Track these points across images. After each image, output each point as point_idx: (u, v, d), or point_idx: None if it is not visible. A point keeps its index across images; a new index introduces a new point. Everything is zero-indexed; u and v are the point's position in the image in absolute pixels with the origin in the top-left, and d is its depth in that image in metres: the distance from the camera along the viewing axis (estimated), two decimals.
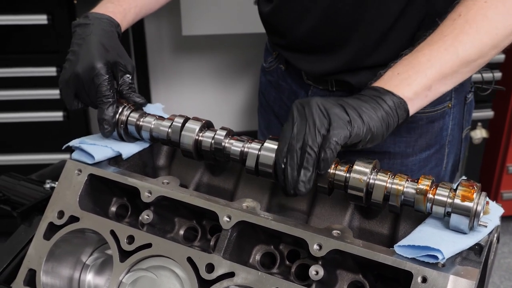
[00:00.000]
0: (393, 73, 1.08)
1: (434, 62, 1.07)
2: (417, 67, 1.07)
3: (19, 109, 2.76)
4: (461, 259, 0.93)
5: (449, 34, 1.08)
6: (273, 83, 1.62)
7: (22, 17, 2.60)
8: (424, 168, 1.47)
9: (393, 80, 1.06)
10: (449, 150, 1.50)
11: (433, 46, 1.08)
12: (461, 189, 0.94)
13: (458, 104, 1.47)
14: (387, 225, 1.10)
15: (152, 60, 3.21)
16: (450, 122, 1.46)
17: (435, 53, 1.07)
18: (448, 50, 1.07)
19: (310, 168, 0.97)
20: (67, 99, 1.21)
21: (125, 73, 1.20)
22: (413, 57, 1.09)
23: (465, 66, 1.09)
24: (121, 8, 1.29)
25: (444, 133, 1.46)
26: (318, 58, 1.41)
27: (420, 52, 1.09)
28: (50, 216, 1.10)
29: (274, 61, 1.60)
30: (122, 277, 1.03)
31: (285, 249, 1.06)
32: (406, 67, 1.08)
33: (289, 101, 1.56)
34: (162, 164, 1.27)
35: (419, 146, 1.44)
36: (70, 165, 1.14)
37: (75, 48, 1.19)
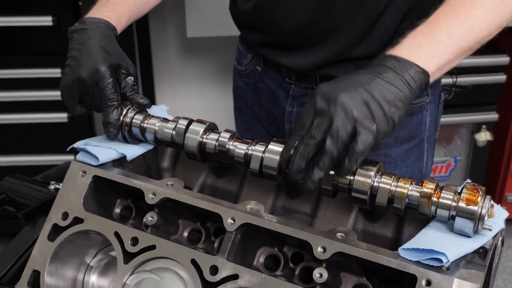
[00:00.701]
0: (413, 42, 1.05)
1: (452, 34, 1.06)
2: (437, 38, 1.05)
3: (23, 110, 2.77)
4: (465, 262, 0.93)
5: (461, 8, 1.08)
6: (250, 85, 1.61)
7: (27, 19, 2.61)
8: (407, 160, 1.49)
9: (416, 50, 1.03)
10: (427, 146, 1.52)
11: (448, 19, 1.07)
12: (465, 193, 0.94)
13: (434, 101, 1.50)
14: (391, 228, 1.10)
15: (157, 62, 3.22)
16: (428, 118, 1.49)
17: (452, 25, 1.06)
18: (464, 23, 1.07)
19: (324, 170, 0.97)
20: (70, 104, 1.21)
21: (127, 75, 1.20)
22: (430, 27, 1.07)
23: (477, 42, 1.09)
24: (115, 11, 1.29)
25: (423, 127, 1.49)
26: (305, 52, 1.40)
27: (437, 23, 1.07)
28: (54, 218, 1.10)
29: (249, 63, 1.59)
30: (126, 279, 1.03)
31: (289, 252, 1.06)
32: (427, 37, 1.05)
33: (269, 102, 1.57)
34: (166, 166, 1.28)
35: (400, 138, 1.47)
36: (74, 167, 1.14)
37: (74, 53, 1.19)
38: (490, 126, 3.05)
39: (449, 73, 1.18)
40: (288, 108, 1.52)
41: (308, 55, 1.40)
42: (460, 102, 2.99)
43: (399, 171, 1.49)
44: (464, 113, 3.01)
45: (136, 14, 1.39)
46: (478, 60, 2.85)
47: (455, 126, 3.18)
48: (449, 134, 3.24)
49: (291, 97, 1.50)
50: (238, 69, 1.66)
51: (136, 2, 1.37)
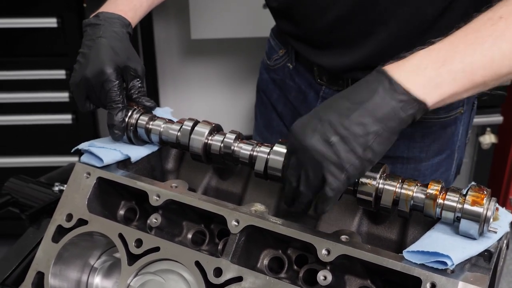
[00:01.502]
0: (419, 64, 0.93)
1: (467, 65, 0.92)
2: (449, 66, 0.92)
3: (28, 111, 2.77)
4: (470, 265, 0.93)
5: (488, 36, 0.93)
6: (277, 82, 1.57)
7: (32, 20, 2.61)
8: (436, 173, 1.46)
9: (419, 75, 0.92)
10: (457, 155, 1.50)
11: (468, 46, 0.93)
12: (471, 194, 0.94)
13: (468, 110, 1.45)
14: (396, 230, 1.09)
15: (161, 63, 3.22)
16: (461, 128, 1.44)
17: (470, 53, 0.93)
18: (485, 55, 0.93)
19: (301, 208, 1.01)
20: (78, 101, 1.21)
21: (135, 77, 1.20)
22: (445, 50, 0.94)
23: (495, 79, 0.95)
24: (131, 4, 1.28)
25: (455, 138, 1.45)
26: (338, 52, 1.34)
27: (453, 45, 0.94)
28: (58, 219, 1.10)
29: (280, 59, 1.54)
30: (130, 281, 1.03)
31: (293, 254, 1.06)
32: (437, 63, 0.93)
33: (296, 101, 1.53)
34: (170, 168, 1.28)
35: (432, 151, 1.43)
36: (79, 168, 1.14)
37: (85, 50, 1.19)
38: (495, 129, 3.05)
39: None
40: None
41: (342, 56, 1.34)
42: None
43: None
44: None
45: (156, 2, 1.38)
46: None
47: None
48: None
49: (321, 99, 1.45)
50: (267, 63, 1.61)
51: None
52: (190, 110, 3.30)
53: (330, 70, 1.39)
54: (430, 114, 1.33)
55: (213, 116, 1.76)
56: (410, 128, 1.29)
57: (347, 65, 1.34)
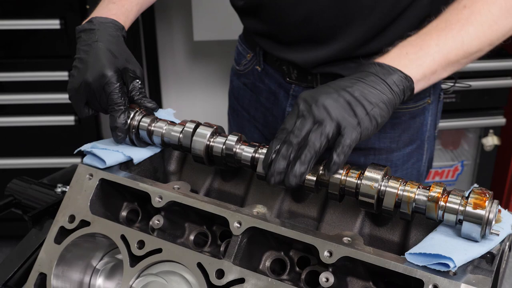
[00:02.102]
0: (401, 52, 1.09)
1: (441, 47, 1.09)
2: (426, 50, 1.09)
3: (31, 113, 2.78)
4: (472, 267, 0.93)
5: (455, 23, 1.11)
6: (248, 86, 1.61)
7: (35, 22, 2.62)
8: (407, 163, 1.50)
9: (403, 59, 1.07)
10: (427, 146, 1.54)
11: (440, 32, 1.11)
12: (473, 197, 0.94)
13: (435, 101, 1.51)
14: (398, 232, 1.09)
15: (163, 65, 3.22)
16: (429, 118, 1.50)
17: (443, 39, 1.10)
18: (455, 38, 1.10)
19: (306, 164, 0.98)
20: (77, 107, 1.21)
21: (134, 78, 1.20)
22: (421, 39, 1.11)
23: (465, 57, 1.12)
24: (123, 8, 1.28)
25: (424, 128, 1.50)
26: (309, 47, 1.39)
27: (428, 35, 1.11)
28: (61, 220, 1.10)
29: (249, 63, 1.58)
30: (132, 282, 1.03)
31: (295, 256, 1.06)
32: (415, 48, 1.09)
33: (268, 102, 1.56)
34: (172, 169, 1.28)
35: (402, 141, 1.47)
36: (81, 170, 1.14)
37: (82, 55, 1.19)
38: (498, 131, 3.05)
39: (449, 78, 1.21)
40: (288, 108, 1.51)
41: (313, 51, 1.38)
42: (467, 107, 2.99)
43: (399, 174, 1.49)
44: (471, 117, 3.01)
45: (145, 6, 1.39)
46: (485, 64, 2.85)
47: (462, 131, 3.17)
48: (456, 139, 3.23)
49: (291, 97, 1.50)
50: (236, 69, 1.65)
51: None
52: (192, 112, 3.30)
53: (300, 66, 1.43)
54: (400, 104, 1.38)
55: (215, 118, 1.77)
56: None
57: (319, 59, 1.39)
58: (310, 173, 1.03)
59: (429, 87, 1.34)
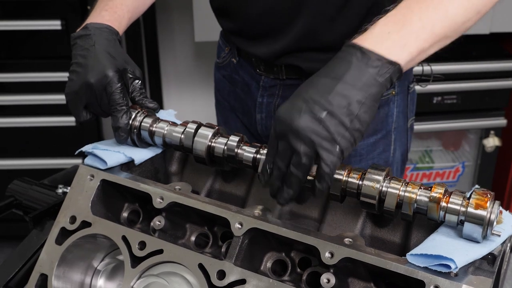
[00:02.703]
0: (382, 31, 0.99)
1: (425, 22, 0.99)
2: (409, 27, 0.98)
3: (32, 114, 2.78)
4: (474, 268, 0.93)
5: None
6: (226, 78, 1.65)
7: (36, 23, 2.62)
8: (373, 153, 1.51)
9: (385, 40, 0.97)
10: (395, 137, 1.54)
11: (421, 4, 1.00)
12: (474, 198, 0.94)
13: (402, 93, 1.51)
14: (399, 233, 1.09)
15: (164, 66, 3.22)
16: (395, 110, 1.50)
17: (424, 11, 0.99)
18: (438, 9, 1.00)
19: (293, 189, 0.99)
20: (76, 110, 1.22)
21: (134, 79, 1.20)
22: (402, 14, 1.00)
23: (454, 29, 1.03)
24: (116, 15, 1.29)
25: (390, 119, 1.50)
26: (269, 40, 1.43)
27: (409, 9, 1.00)
28: (62, 221, 1.10)
29: (226, 55, 1.63)
30: (133, 283, 1.03)
31: (297, 257, 1.06)
32: (397, 25, 0.99)
33: (243, 93, 1.60)
34: (174, 170, 1.28)
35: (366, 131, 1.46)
36: (82, 170, 1.14)
37: (79, 60, 1.19)
38: (499, 132, 3.04)
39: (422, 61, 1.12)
40: (259, 99, 1.55)
41: (272, 43, 1.43)
42: (468, 108, 2.99)
43: (364, 163, 1.50)
44: (472, 118, 3.00)
45: (135, 15, 1.40)
46: (486, 65, 2.85)
47: (463, 132, 3.17)
48: (457, 140, 3.23)
49: (262, 88, 1.54)
50: (217, 62, 1.71)
51: (135, 3, 1.38)
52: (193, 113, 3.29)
53: (264, 59, 1.47)
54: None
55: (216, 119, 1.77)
56: None
57: (278, 51, 1.42)
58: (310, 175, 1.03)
59: None
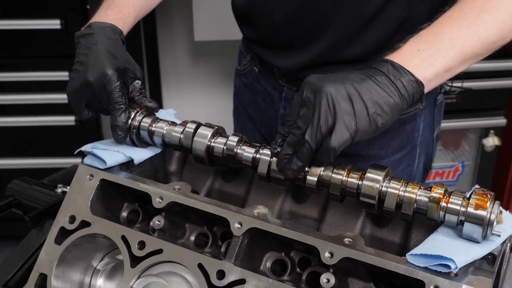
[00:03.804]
0: (413, 48, 1.03)
1: (455, 41, 1.02)
2: (439, 45, 1.02)
3: (31, 113, 2.78)
4: (474, 268, 0.93)
5: (469, 12, 1.04)
6: (247, 86, 1.63)
7: (35, 22, 2.62)
8: (397, 169, 1.49)
9: (414, 57, 1.01)
10: (420, 150, 1.52)
11: (453, 24, 1.03)
12: (474, 198, 0.94)
13: (429, 106, 1.48)
14: (399, 233, 1.09)
15: (164, 65, 3.22)
16: (421, 123, 1.47)
17: (456, 31, 1.02)
18: (470, 28, 1.02)
19: (303, 160, 0.99)
20: (77, 108, 1.22)
21: (134, 79, 1.21)
22: (433, 32, 1.04)
23: (485, 48, 1.05)
24: (121, 14, 1.29)
25: (416, 134, 1.48)
26: (292, 52, 1.40)
27: (441, 28, 1.04)
28: (61, 221, 1.10)
29: (248, 63, 1.61)
30: (132, 283, 1.03)
31: (296, 256, 1.06)
32: (427, 44, 1.02)
33: (264, 104, 1.58)
34: (173, 170, 1.28)
35: (392, 148, 1.45)
36: (82, 170, 1.14)
37: (81, 58, 1.19)
38: (498, 131, 3.04)
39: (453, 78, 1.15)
40: (281, 110, 1.53)
41: (296, 55, 1.40)
42: (468, 107, 2.99)
43: None
44: (472, 118, 3.01)
45: (142, 13, 1.40)
46: (486, 64, 2.84)
47: (463, 131, 3.17)
48: (456, 139, 3.23)
49: (284, 100, 1.52)
50: (238, 69, 1.68)
51: (143, 2, 1.38)
52: (193, 112, 3.30)
53: (286, 71, 1.45)
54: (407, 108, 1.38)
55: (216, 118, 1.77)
56: None
57: (300, 64, 1.40)
58: (311, 174, 1.03)
59: None
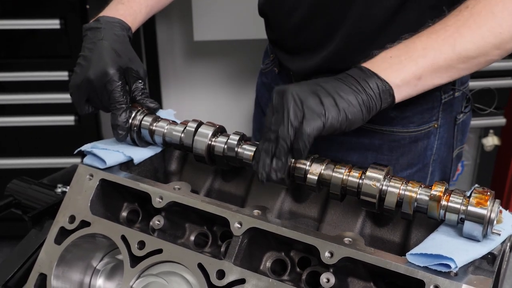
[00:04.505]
0: (385, 55, 1.06)
1: (428, 51, 1.04)
2: (411, 53, 1.04)
3: (31, 113, 2.77)
4: (473, 268, 0.93)
5: (451, 25, 1.05)
6: (266, 85, 1.63)
7: (35, 22, 2.61)
8: None
9: (383, 63, 1.04)
10: (433, 169, 1.46)
11: (432, 35, 1.05)
12: (474, 196, 0.94)
13: (446, 124, 1.42)
14: (399, 232, 1.09)
15: (163, 65, 3.22)
16: (436, 142, 1.42)
17: (431, 41, 1.04)
18: (446, 41, 1.04)
19: (282, 158, 0.99)
20: (78, 103, 1.21)
21: (137, 78, 1.20)
22: (410, 41, 1.06)
23: (462, 62, 1.05)
24: (131, 9, 1.29)
25: (429, 152, 1.43)
26: (305, 55, 1.40)
27: (418, 38, 1.06)
28: (61, 221, 1.10)
29: (270, 63, 1.61)
30: (132, 283, 1.03)
31: (296, 256, 1.06)
32: (400, 51, 1.05)
33: None
34: (173, 170, 1.27)
35: (400, 165, 1.42)
36: (81, 170, 1.14)
37: (86, 53, 1.19)
38: (498, 131, 3.04)
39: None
40: None
41: (307, 60, 1.40)
42: None
43: None
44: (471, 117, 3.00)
45: (156, 9, 1.39)
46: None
47: None
48: None
49: None
50: (261, 68, 1.68)
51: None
52: (193, 112, 3.30)
53: (300, 74, 1.43)
54: (399, 128, 1.36)
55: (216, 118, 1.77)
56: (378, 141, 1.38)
57: (312, 68, 1.39)
58: (311, 173, 1.03)
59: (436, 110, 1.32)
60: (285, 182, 1.05)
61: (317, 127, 0.97)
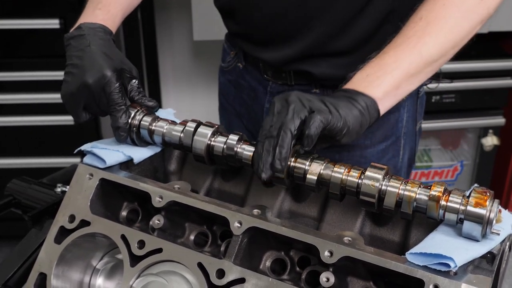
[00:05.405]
0: (362, 75, 1.13)
1: (400, 63, 1.12)
2: (385, 68, 1.12)
3: (30, 112, 2.77)
4: (473, 267, 0.93)
5: (412, 36, 1.14)
6: (232, 82, 1.64)
7: (34, 21, 2.61)
8: (382, 159, 1.51)
9: (363, 82, 1.11)
10: (404, 142, 1.55)
11: (398, 48, 1.14)
12: (474, 196, 0.94)
13: (411, 98, 1.51)
14: (399, 232, 1.09)
15: (163, 65, 3.22)
16: (405, 114, 1.51)
17: (400, 54, 1.13)
18: (412, 51, 1.13)
19: (284, 146, 1.00)
20: (75, 111, 1.21)
21: (131, 78, 1.20)
22: (380, 58, 1.14)
23: (428, 66, 1.15)
24: (109, 14, 1.29)
25: (400, 124, 1.51)
26: (279, 46, 1.42)
27: (387, 54, 1.14)
28: (61, 220, 1.10)
29: (232, 60, 1.61)
30: (132, 282, 1.03)
31: (296, 256, 1.06)
32: (374, 68, 1.13)
33: (249, 99, 1.59)
34: (173, 169, 1.28)
35: (376, 138, 1.48)
36: (81, 169, 1.14)
37: (75, 61, 1.18)
38: (497, 131, 3.04)
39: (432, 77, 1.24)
40: (267, 105, 1.54)
41: (282, 49, 1.41)
42: (466, 107, 2.99)
43: None
44: (470, 117, 3.01)
45: (128, 11, 1.39)
46: (485, 64, 2.85)
47: (462, 131, 3.17)
48: (455, 139, 3.23)
49: (269, 94, 1.53)
50: (222, 66, 1.69)
51: (128, 0, 1.37)
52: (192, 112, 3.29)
53: (272, 64, 1.46)
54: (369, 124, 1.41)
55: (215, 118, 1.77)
56: None
57: (288, 57, 1.42)
58: (311, 172, 1.03)
59: None
60: (284, 182, 1.05)
61: (326, 117, 1.01)
